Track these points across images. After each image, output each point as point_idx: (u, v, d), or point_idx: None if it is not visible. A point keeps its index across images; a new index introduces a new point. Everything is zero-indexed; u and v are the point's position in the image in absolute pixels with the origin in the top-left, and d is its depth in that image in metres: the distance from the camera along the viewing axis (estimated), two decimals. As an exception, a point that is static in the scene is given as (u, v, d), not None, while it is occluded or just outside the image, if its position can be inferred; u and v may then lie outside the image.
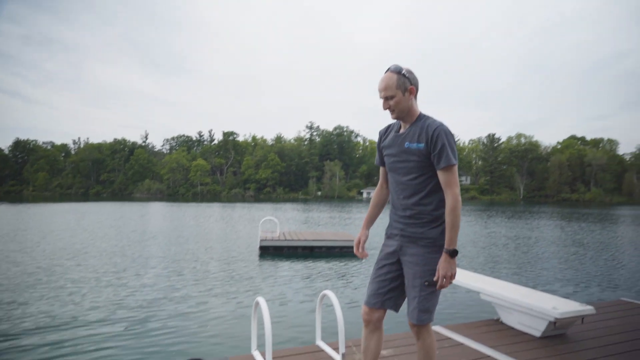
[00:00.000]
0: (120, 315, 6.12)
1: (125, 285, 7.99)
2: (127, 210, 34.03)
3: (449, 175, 2.19)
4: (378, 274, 2.39)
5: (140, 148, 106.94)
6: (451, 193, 2.18)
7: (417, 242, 2.27)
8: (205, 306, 6.66)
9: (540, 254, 12.78)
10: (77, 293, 7.40)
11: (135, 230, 18.17)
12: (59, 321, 5.84)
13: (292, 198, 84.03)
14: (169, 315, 6.14)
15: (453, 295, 7.27)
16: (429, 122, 2.24)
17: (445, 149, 2.17)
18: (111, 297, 7.14)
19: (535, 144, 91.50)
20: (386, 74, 2.28)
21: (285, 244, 12.54)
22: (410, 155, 2.26)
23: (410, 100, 2.27)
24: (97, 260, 10.69)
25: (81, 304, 6.69)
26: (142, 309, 6.44)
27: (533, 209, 45.69)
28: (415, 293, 2.25)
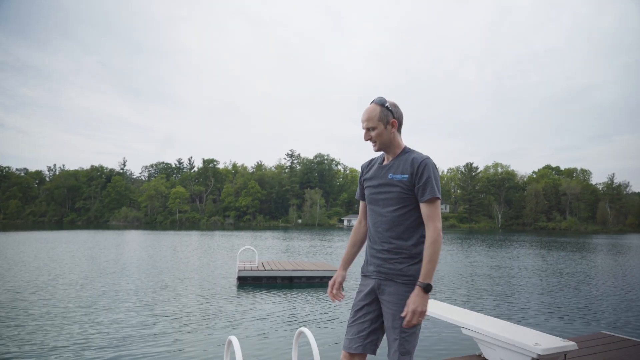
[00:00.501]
0: (86, 357, 5.77)
1: (94, 322, 7.57)
2: (101, 238, 33.05)
3: (432, 209, 2.12)
4: (357, 317, 2.26)
5: (118, 175, 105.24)
6: (433, 226, 2.10)
7: (395, 279, 2.16)
8: (177, 345, 6.33)
9: (521, 284, 12.78)
10: (39, 331, 6.96)
11: (107, 260, 17.56)
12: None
13: (273, 226, 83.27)
14: (138, 356, 5.82)
15: (433, 330, 7.11)
16: (415, 155, 2.20)
17: (431, 181, 2.12)
18: (77, 335, 6.73)
19: (512, 173, 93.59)
20: (370, 105, 2.25)
21: (265, 274, 12.25)
22: (392, 187, 2.19)
23: (392, 133, 2.23)
24: (64, 293, 10.20)
25: (43, 344, 6.30)
26: (111, 349, 6.09)
27: (512, 237, 46.20)
28: (396, 335, 2.13)
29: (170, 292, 10.54)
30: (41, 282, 11.72)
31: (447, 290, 11.33)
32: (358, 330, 2.23)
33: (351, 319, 2.28)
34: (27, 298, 9.55)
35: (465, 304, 9.49)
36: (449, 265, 17.24)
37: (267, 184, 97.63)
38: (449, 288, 11.76)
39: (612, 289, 12.01)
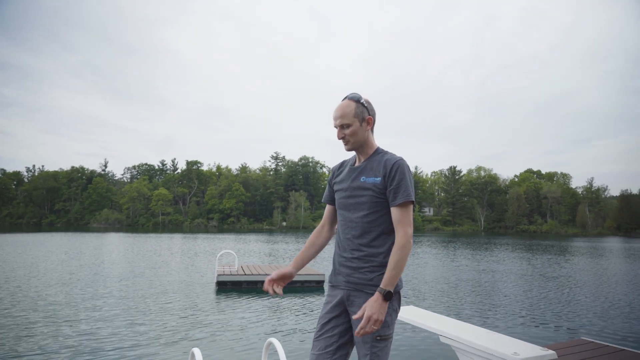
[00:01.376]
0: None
1: (58, 333, 7.26)
2: (79, 241, 32.31)
3: (404, 213, 1.97)
4: (324, 330, 2.08)
5: (99, 176, 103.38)
6: (403, 231, 1.95)
7: (365, 290, 2.01)
8: (139, 356, 6.07)
9: (504, 289, 12.80)
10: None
11: (81, 264, 17.10)
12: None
13: (257, 228, 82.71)
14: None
15: (411, 338, 6.98)
16: (388, 157, 2.05)
17: (404, 184, 1.97)
18: (37, 347, 6.43)
19: (494, 176, 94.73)
20: (343, 101, 2.09)
21: (244, 279, 12.03)
22: (364, 191, 2.03)
23: (367, 132, 2.09)
24: (30, 301, 9.83)
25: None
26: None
27: (495, 240, 46.62)
28: (367, 350, 1.97)
29: (145, 298, 10.25)
30: (9, 287, 11.30)
31: (430, 296, 11.27)
32: (325, 344, 2.06)
33: (317, 333, 2.11)
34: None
35: (447, 310, 9.42)
36: (432, 269, 17.22)
37: (251, 186, 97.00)
38: (432, 293, 11.70)
39: (593, 293, 12.10)
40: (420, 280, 13.97)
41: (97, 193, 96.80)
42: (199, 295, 10.58)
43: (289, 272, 2.19)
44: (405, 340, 6.77)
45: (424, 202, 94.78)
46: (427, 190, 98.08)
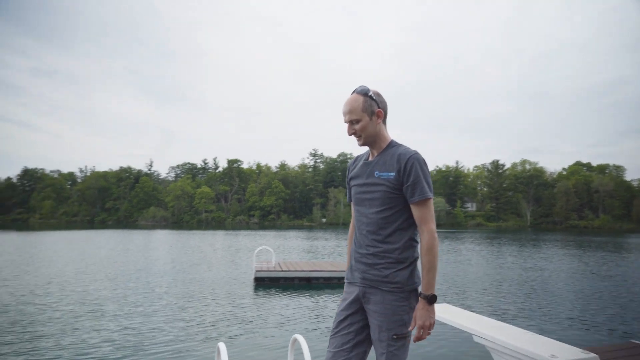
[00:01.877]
0: (95, 355, 5.77)
1: (101, 327, 7.59)
2: (127, 238, 33.75)
3: (425, 210, 1.93)
4: (340, 327, 2.06)
5: (146, 176, 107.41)
6: (427, 229, 1.92)
7: (381, 287, 1.97)
8: (166, 348, 6.22)
9: (552, 288, 12.25)
10: (43, 338, 6.99)
11: (129, 260, 17.84)
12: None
13: (297, 225, 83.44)
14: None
15: (444, 336, 6.80)
16: (402, 150, 1.99)
17: (420, 181, 1.92)
18: (79, 341, 6.72)
19: (541, 170, 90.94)
20: (351, 95, 2.05)
21: (282, 275, 12.16)
22: (378, 186, 1.99)
23: (377, 125, 2.04)
24: (77, 295, 10.32)
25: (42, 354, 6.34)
26: (112, 355, 6.08)
27: (544, 236, 44.62)
28: (383, 349, 1.94)
29: (185, 293, 10.56)
30: (58, 283, 11.94)
31: (472, 295, 10.97)
32: (342, 342, 2.04)
33: (334, 330, 2.09)
34: (32, 301, 9.72)
35: (489, 310, 9.14)
36: (475, 267, 16.78)
37: (290, 183, 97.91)
38: (474, 292, 11.39)
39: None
40: (462, 278, 13.64)
41: (144, 192, 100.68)
42: (237, 291, 10.79)
43: None
44: (437, 339, 6.63)
45: (466, 197, 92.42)
46: (469, 186, 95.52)
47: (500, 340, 3.62)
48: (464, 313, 4.49)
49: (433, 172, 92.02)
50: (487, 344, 3.79)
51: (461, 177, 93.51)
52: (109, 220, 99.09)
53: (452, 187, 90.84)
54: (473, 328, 3.92)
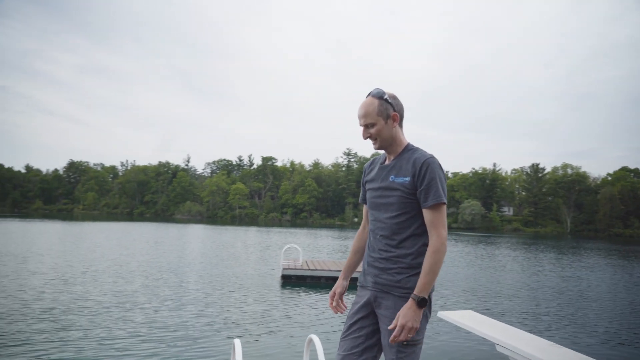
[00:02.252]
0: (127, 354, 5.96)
1: (128, 318, 7.83)
2: (163, 232, 34.75)
3: (437, 215, 1.89)
4: (351, 330, 2.05)
5: (183, 171, 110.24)
6: (437, 234, 1.87)
7: (393, 292, 1.94)
8: (181, 343, 6.32)
9: (590, 300, 11.71)
10: (72, 328, 7.28)
11: (163, 253, 18.36)
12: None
13: (329, 224, 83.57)
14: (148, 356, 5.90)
15: (465, 344, 6.63)
16: (418, 155, 1.96)
17: (435, 185, 1.88)
18: (104, 335, 6.91)
19: (583, 175, 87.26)
20: (366, 99, 2.03)
21: (309, 274, 12.21)
22: (393, 191, 1.97)
23: (393, 129, 2.01)
24: (110, 286, 10.70)
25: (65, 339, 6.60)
26: (129, 348, 6.24)
27: (585, 244, 42.78)
28: (392, 355, 1.91)
29: (214, 289, 10.76)
30: (87, 274, 12.42)
31: (504, 303, 10.67)
32: (352, 345, 2.02)
33: (344, 333, 2.08)
34: (68, 290, 10.13)
35: (519, 319, 8.86)
36: (510, 274, 16.30)
37: (323, 182, 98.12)
38: (507, 300, 11.07)
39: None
40: (495, 284, 13.28)
41: (180, 186, 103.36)
42: (264, 288, 10.92)
43: (341, 286, 2.21)
44: (458, 347, 6.49)
45: (503, 201, 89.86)
46: (507, 189, 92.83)
47: (524, 351, 3.49)
48: (487, 321, 4.36)
49: (469, 174, 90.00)
50: (510, 354, 3.67)
51: (498, 180, 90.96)
52: (147, 213, 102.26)
53: (489, 190, 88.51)
54: (496, 337, 3.80)
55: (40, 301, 8.30)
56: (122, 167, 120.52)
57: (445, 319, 4.10)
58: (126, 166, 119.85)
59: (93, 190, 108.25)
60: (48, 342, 5.89)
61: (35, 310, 7.58)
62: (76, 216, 74.26)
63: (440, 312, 4.24)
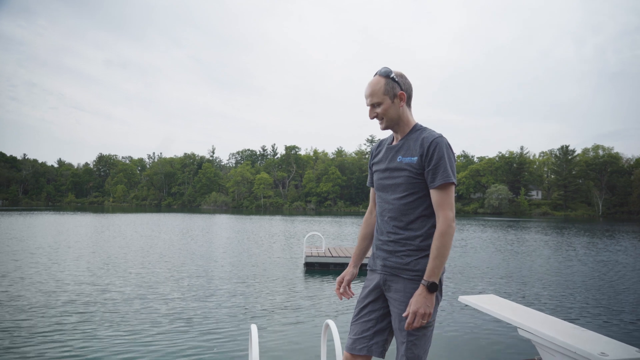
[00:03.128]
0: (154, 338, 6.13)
1: (148, 309, 8.06)
2: (190, 222, 35.43)
3: (444, 196, 1.86)
4: (361, 314, 2.05)
5: (208, 162, 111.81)
6: (444, 215, 1.84)
7: (402, 274, 1.93)
8: (195, 330, 6.46)
9: (626, 285, 11.34)
10: (95, 319, 7.52)
11: (189, 243, 18.75)
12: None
13: (353, 212, 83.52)
14: (179, 342, 6.06)
15: (488, 329, 6.51)
16: (426, 134, 1.93)
17: (443, 164, 1.85)
18: (126, 323, 7.15)
19: (616, 156, 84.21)
20: (373, 78, 2.00)
21: (332, 261, 12.26)
22: (401, 171, 1.94)
23: (400, 108, 1.98)
24: (135, 278, 11.00)
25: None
26: (163, 333, 6.41)
27: (621, 227, 41.15)
28: (403, 338, 1.90)
29: (238, 277, 10.93)
30: (112, 265, 12.79)
31: (534, 289, 10.47)
32: (362, 329, 2.03)
33: (355, 317, 2.08)
34: (91, 281, 10.45)
35: (546, 306, 8.68)
36: (537, 259, 15.98)
37: (347, 169, 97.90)
38: (537, 286, 10.87)
39: None
40: (522, 270, 13.05)
41: (206, 177, 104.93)
42: (288, 276, 11.03)
43: (350, 274, 2.20)
44: (482, 331, 6.40)
45: (531, 184, 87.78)
46: (535, 172, 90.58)
47: (546, 335, 3.43)
48: (510, 305, 4.29)
49: (495, 159, 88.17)
50: (532, 337, 3.61)
51: (526, 163, 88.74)
52: (175, 204, 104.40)
53: (516, 174, 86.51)
54: (518, 321, 3.74)
55: (64, 293, 8.60)
56: (150, 159, 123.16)
57: (467, 302, 4.07)
58: (153, 158, 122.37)
59: (122, 182, 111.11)
60: (72, 332, 6.11)
61: (56, 303, 7.88)
62: (107, 208, 76.48)
63: (461, 296, 4.21)
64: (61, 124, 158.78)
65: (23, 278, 9.71)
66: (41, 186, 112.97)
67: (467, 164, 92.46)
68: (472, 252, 16.75)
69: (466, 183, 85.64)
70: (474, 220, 49.89)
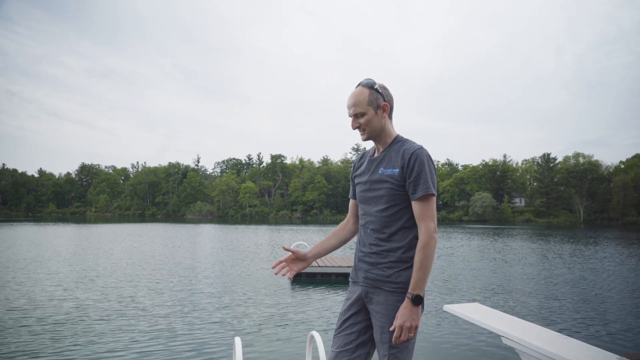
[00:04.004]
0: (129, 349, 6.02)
1: (130, 326, 7.93)
2: (175, 232, 34.99)
3: (425, 207, 1.86)
4: (343, 327, 2.04)
5: (193, 171, 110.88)
6: (425, 227, 1.84)
7: (383, 287, 1.92)
8: (181, 340, 6.43)
9: (605, 290, 11.57)
10: (77, 335, 7.37)
11: (173, 254, 18.51)
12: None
13: (339, 220, 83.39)
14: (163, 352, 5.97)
15: (470, 338, 6.55)
16: (407, 146, 1.94)
17: (424, 176, 1.86)
18: (105, 342, 7.06)
19: (596, 163, 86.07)
20: (357, 88, 2.01)
21: (319, 271, 12.21)
22: (383, 183, 1.95)
23: (383, 119, 1.99)
24: (118, 291, 10.82)
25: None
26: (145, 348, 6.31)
27: (602, 233, 41.91)
28: (385, 350, 1.89)
29: (223, 286, 10.82)
30: (97, 277, 12.56)
31: (514, 295, 10.59)
32: (344, 342, 2.01)
33: (337, 329, 2.07)
34: (74, 296, 10.24)
35: (530, 314, 8.78)
36: (521, 266, 16.17)
37: (333, 178, 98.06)
38: (516, 293, 10.98)
39: None
40: (506, 278, 13.18)
41: (191, 187, 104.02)
42: (274, 286, 10.96)
43: (302, 255, 2.12)
44: (466, 341, 6.44)
45: (514, 192, 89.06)
46: (518, 180, 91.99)
47: (530, 343, 3.45)
48: (494, 313, 4.32)
49: (479, 167, 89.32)
50: (516, 346, 3.63)
51: (509, 171, 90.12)
52: (159, 214, 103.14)
53: (499, 182, 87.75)
54: (502, 330, 3.77)
55: (45, 309, 8.40)
56: (133, 169, 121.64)
57: (451, 312, 4.07)
58: (137, 168, 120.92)
59: (105, 192, 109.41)
60: (47, 353, 5.97)
61: (40, 317, 7.69)
62: (89, 219, 75.14)
63: (445, 305, 4.21)
64: (42, 133, 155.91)
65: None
66: (21, 196, 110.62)
67: (452, 172, 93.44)
68: (457, 261, 16.88)
69: (450, 191, 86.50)
70: (458, 228, 50.33)
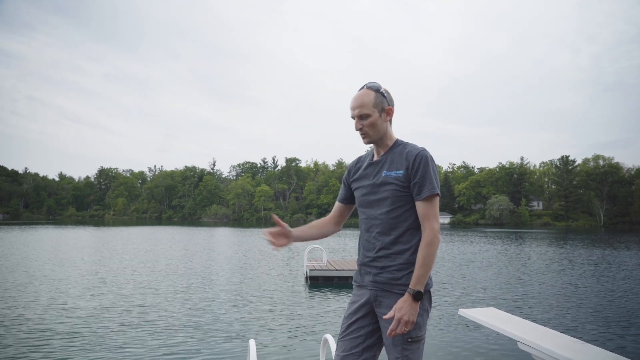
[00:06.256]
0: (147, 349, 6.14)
1: (150, 324, 8.05)
2: (190, 235, 35.35)
3: (430, 207, 1.89)
4: (349, 331, 2.03)
5: (209, 175, 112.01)
6: (429, 226, 1.87)
7: (393, 290, 1.93)
8: (192, 342, 6.50)
9: (626, 298, 11.36)
10: (81, 334, 7.50)
11: (189, 257, 18.73)
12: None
13: (354, 223, 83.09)
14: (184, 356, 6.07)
15: (486, 343, 6.52)
16: (409, 148, 1.98)
17: (429, 177, 1.89)
18: (114, 346, 7.16)
19: (616, 166, 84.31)
20: (362, 90, 2.04)
21: (336, 274, 12.24)
22: (387, 185, 1.97)
23: (386, 123, 2.03)
24: (133, 294, 10.99)
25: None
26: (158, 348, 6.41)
27: (624, 237, 40.90)
28: (397, 353, 1.91)
29: (240, 289, 10.93)
30: (109, 280, 12.79)
31: (532, 301, 10.47)
32: (351, 345, 2.01)
33: (342, 333, 2.06)
34: (90, 294, 10.44)
35: (549, 319, 8.69)
36: (539, 270, 15.96)
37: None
38: (534, 298, 10.86)
39: None
40: (523, 282, 13.04)
41: (207, 190, 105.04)
42: (289, 290, 11.03)
43: (288, 231, 2.17)
44: (481, 345, 6.41)
45: (532, 195, 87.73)
46: (535, 183, 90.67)
47: (546, 348, 3.45)
48: (510, 318, 4.32)
49: (495, 169, 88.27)
50: (532, 352, 3.63)
51: (526, 174, 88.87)
52: (175, 217, 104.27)
53: (517, 185, 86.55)
54: (518, 335, 3.77)
55: (65, 309, 8.61)
56: (150, 172, 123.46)
57: (466, 316, 4.08)
58: (154, 171, 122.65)
59: (123, 196, 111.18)
60: (82, 345, 6.13)
61: (58, 316, 7.90)
62: (107, 222, 76.39)
63: (461, 309, 4.24)
64: (62, 137, 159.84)
65: (17, 295, 9.74)
66: (42, 200, 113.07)
67: (468, 175, 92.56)
68: (473, 265, 16.74)
69: (467, 194, 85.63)
70: (475, 231, 49.80)
